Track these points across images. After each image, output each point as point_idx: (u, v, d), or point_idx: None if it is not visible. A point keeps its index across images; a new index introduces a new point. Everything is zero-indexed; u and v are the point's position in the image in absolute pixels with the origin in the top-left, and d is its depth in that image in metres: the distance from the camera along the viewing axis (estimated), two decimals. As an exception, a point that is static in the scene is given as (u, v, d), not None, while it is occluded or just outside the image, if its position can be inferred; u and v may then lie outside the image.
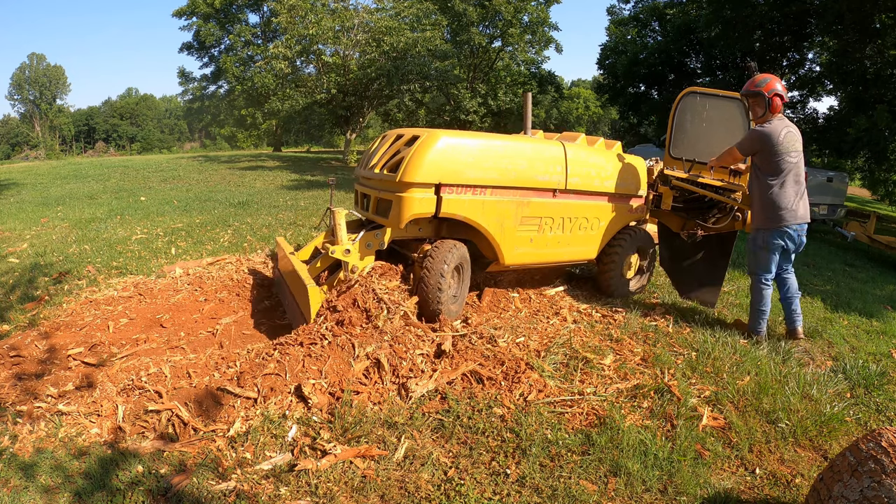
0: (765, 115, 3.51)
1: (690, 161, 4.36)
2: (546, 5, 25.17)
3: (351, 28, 16.47)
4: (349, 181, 12.82)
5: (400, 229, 3.54)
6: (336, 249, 3.49)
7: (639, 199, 4.39)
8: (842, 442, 2.73)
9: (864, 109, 12.03)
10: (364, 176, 3.84)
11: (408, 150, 3.41)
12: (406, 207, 3.36)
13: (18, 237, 6.33)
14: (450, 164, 3.38)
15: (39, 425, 2.55)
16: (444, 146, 3.38)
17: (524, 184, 3.67)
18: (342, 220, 3.55)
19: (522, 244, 3.80)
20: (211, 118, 47.97)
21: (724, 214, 4.24)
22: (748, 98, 3.60)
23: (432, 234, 3.79)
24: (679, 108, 4.37)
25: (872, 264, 7.72)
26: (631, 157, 4.38)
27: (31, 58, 58.41)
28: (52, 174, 14.37)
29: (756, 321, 3.80)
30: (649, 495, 2.27)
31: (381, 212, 3.61)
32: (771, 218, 3.52)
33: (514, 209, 3.67)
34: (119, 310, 3.91)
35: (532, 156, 3.70)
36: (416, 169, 3.30)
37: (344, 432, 2.54)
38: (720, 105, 4.26)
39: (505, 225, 3.66)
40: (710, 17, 15.20)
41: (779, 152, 3.43)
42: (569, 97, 48.42)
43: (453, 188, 3.42)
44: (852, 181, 19.12)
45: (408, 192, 3.35)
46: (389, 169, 3.48)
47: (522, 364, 3.09)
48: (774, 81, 3.49)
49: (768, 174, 3.49)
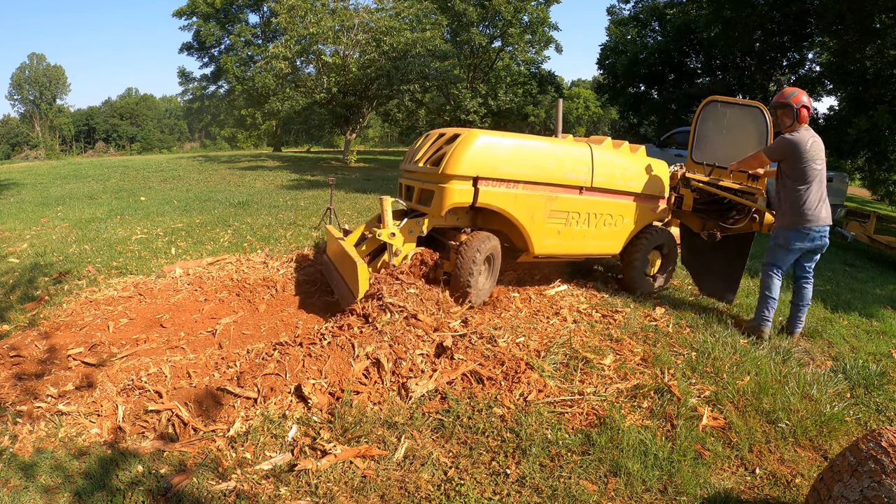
0: (792, 126, 3.72)
1: (711, 165, 4.65)
2: (546, 5, 25.18)
3: (351, 28, 16.47)
4: (349, 181, 12.82)
5: (440, 217, 3.93)
6: (382, 233, 3.83)
7: (661, 199, 4.58)
8: (842, 442, 2.73)
9: (865, 110, 12.03)
10: (408, 169, 4.26)
11: (449, 147, 3.79)
12: (447, 197, 3.73)
13: (18, 237, 6.33)
14: (486, 159, 3.74)
15: (39, 425, 2.55)
16: (482, 143, 3.75)
17: (553, 180, 3.98)
18: (389, 207, 3.89)
19: (550, 236, 4.10)
20: (211, 118, 47.94)
21: (743, 216, 4.42)
22: (777, 109, 3.78)
23: (469, 224, 4.17)
24: (701, 116, 4.68)
25: (872, 264, 7.72)
26: (654, 160, 4.59)
27: (31, 58, 58.47)
28: (52, 174, 14.37)
29: (764, 308, 3.88)
30: (649, 495, 2.27)
31: (423, 201, 4.00)
32: (795, 219, 3.72)
33: (543, 203, 3.99)
34: (119, 310, 3.91)
35: (561, 155, 4.01)
36: (456, 163, 3.68)
37: (344, 432, 2.54)
38: (740, 113, 4.51)
39: (535, 217, 3.97)
40: (710, 17, 15.21)
41: (805, 160, 3.63)
42: (569, 97, 48.45)
43: (489, 181, 3.77)
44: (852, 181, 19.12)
45: (448, 184, 3.73)
46: (432, 163, 3.87)
47: (522, 364, 3.09)
48: (802, 94, 3.70)
49: (795, 180, 3.69)
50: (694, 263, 4.93)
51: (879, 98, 12.05)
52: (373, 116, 25.99)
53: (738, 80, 17.11)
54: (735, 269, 4.56)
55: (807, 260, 3.88)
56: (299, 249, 5.57)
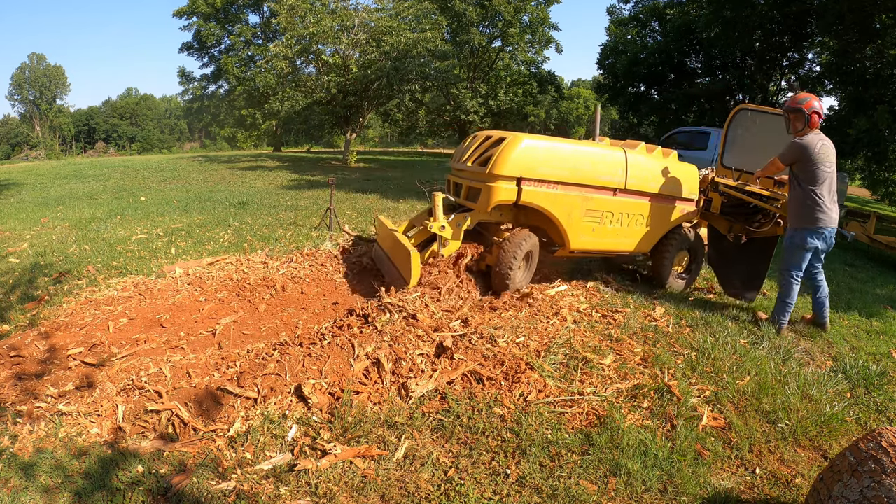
0: (803, 130, 3.86)
1: (739, 170, 4.91)
2: (546, 5, 25.18)
3: (351, 28, 16.46)
4: (349, 181, 12.82)
5: (486, 213, 4.28)
6: (434, 225, 4.16)
7: (690, 202, 4.79)
8: (842, 442, 2.73)
9: (865, 110, 12.02)
10: (457, 168, 4.59)
11: (496, 149, 4.08)
12: (493, 195, 4.05)
13: (18, 237, 6.33)
14: (529, 161, 4.04)
15: (39, 425, 2.55)
16: (526, 147, 4.05)
17: (589, 182, 4.26)
18: (440, 203, 4.23)
19: (586, 233, 4.39)
20: (211, 118, 47.94)
21: (767, 220, 4.64)
22: (790, 113, 3.93)
23: (511, 220, 4.51)
24: (732, 123, 4.95)
25: (872, 264, 7.71)
26: (685, 165, 4.80)
27: (31, 58, 58.45)
28: (52, 174, 14.37)
29: (782, 313, 4.04)
30: (649, 495, 2.27)
31: (470, 197, 4.31)
32: (809, 219, 3.85)
33: (580, 202, 4.26)
34: (119, 310, 3.91)
35: (597, 159, 4.29)
36: (502, 164, 3.99)
37: (344, 432, 2.54)
38: (769, 121, 4.75)
39: (572, 215, 4.27)
40: (710, 17, 15.21)
41: (815, 162, 3.77)
42: (569, 97, 48.47)
43: (531, 181, 4.07)
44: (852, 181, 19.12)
45: (495, 183, 4.04)
46: (480, 163, 4.18)
47: (522, 364, 3.09)
48: (813, 100, 3.84)
49: (806, 182, 3.83)
50: (720, 263, 5.11)
51: (879, 98, 12.04)
52: (373, 116, 26.00)
53: (738, 80, 17.11)
54: (758, 271, 4.73)
55: (816, 259, 4.02)
56: (300, 249, 5.57)
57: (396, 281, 4.13)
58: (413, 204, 9.06)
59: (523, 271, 4.32)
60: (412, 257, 3.92)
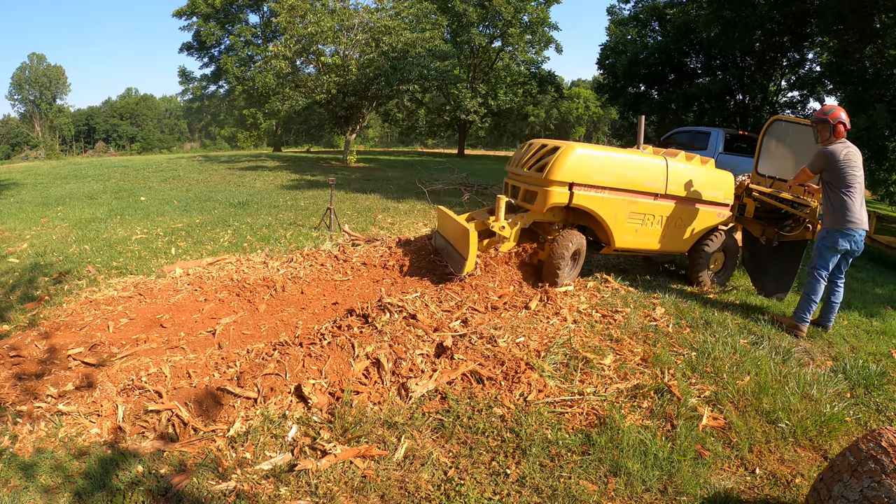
0: (829, 139, 4.07)
1: (772, 178, 5.25)
2: (546, 5, 25.18)
3: (351, 28, 16.46)
4: (349, 181, 12.82)
5: (540, 214, 4.68)
6: (495, 225, 4.57)
7: (726, 206, 5.09)
8: (842, 442, 2.73)
9: (864, 109, 12.01)
10: (514, 172, 4.98)
11: (551, 157, 4.48)
12: (548, 198, 4.46)
13: (18, 237, 6.33)
14: (581, 168, 4.45)
15: (39, 425, 2.55)
16: (578, 155, 4.45)
17: (633, 187, 4.65)
18: (503, 205, 4.62)
19: (629, 233, 4.79)
20: (211, 118, 47.96)
21: (798, 225, 4.89)
22: (817, 124, 4.16)
23: (562, 220, 4.87)
24: (766, 133, 5.29)
25: (872, 264, 7.71)
26: (720, 172, 5.12)
27: (31, 58, 58.45)
28: (52, 174, 14.37)
29: (805, 310, 4.14)
30: (649, 495, 2.27)
31: (527, 200, 4.71)
32: (842, 221, 4.02)
33: (624, 206, 4.67)
34: (119, 310, 3.91)
35: (641, 166, 4.69)
36: (557, 170, 4.39)
37: (344, 432, 2.54)
38: (802, 132, 5.02)
39: (618, 217, 4.67)
40: (710, 17, 15.19)
41: (842, 168, 3.97)
42: (569, 97, 48.46)
43: (582, 186, 4.47)
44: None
45: (550, 187, 4.44)
46: (536, 169, 4.58)
47: (522, 364, 3.09)
48: (839, 111, 4.07)
49: (838, 187, 4.02)
50: (753, 265, 5.38)
51: (879, 98, 12.04)
52: (373, 116, 25.96)
53: (738, 80, 17.09)
54: (789, 272, 5.01)
55: (843, 263, 4.18)
56: (299, 249, 5.57)
57: (456, 263, 4.45)
58: (413, 204, 9.06)
59: (570, 267, 4.67)
60: (470, 235, 4.21)
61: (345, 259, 5.24)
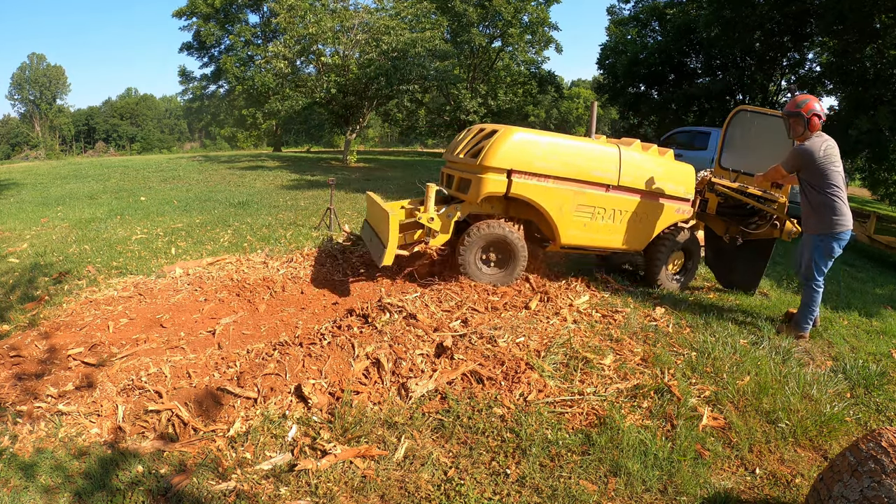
0: (804, 134, 3.75)
1: (737, 171, 4.86)
2: (546, 5, 25.17)
3: (350, 28, 16.46)
4: (349, 181, 12.81)
5: (476, 205, 4.33)
6: (423, 216, 4.24)
7: (686, 201, 4.74)
8: (842, 442, 2.73)
9: (865, 110, 12.02)
10: (450, 160, 4.67)
11: (487, 141, 4.13)
12: (483, 186, 4.10)
13: (18, 237, 6.33)
14: (521, 154, 4.09)
15: (39, 425, 2.55)
16: (517, 140, 4.10)
17: (581, 177, 4.29)
18: (432, 194, 4.27)
19: (576, 228, 4.42)
20: (211, 118, 47.94)
21: (764, 222, 4.60)
22: (789, 118, 3.82)
23: (502, 213, 4.49)
24: (730, 124, 4.91)
25: (872, 264, 7.71)
26: (681, 164, 4.77)
27: (31, 58, 58.45)
28: (52, 174, 14.36)
29: (806, 321, 3.95)
30: (649, 495, 2.27)
31: (461, 189, 4.37)
32: (834, 225, 3.73)
33: (571, 197, 4.30)
34: (119, 310, 3.91)
35: (590, 154, 4.31)
36: (493, 156, 4.04)
37: (344, 432, 2.54)
38: (767, 122, 4.69)
39: (563, 209, 4.31)
40: (710, 17, 15.20)
41: (823, 165, 3.66)
42: (569, 97, 48.43)
43: (522, 174, 4.12)
44: (852, 181, 19.12)
45: (485, 174, 4.09)
46: (471, 155, 4.24)
47: (522, 364, 3.09)
48: (813, 102, 3.73)
49: (821, 187, 3.71)
50: (717, 265, 5.12)
51: (879, 98, 12.04)
52: (373, 116, 25.94)
53: (738, 80, 17.11)
54: (756, 273, 4.75)
55: None
56: (300, 249, 5.57)
57: (378, 252, 4.15)
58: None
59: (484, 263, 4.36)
60: (390, 219, 3.95)
61: (345, 259, 5.25)
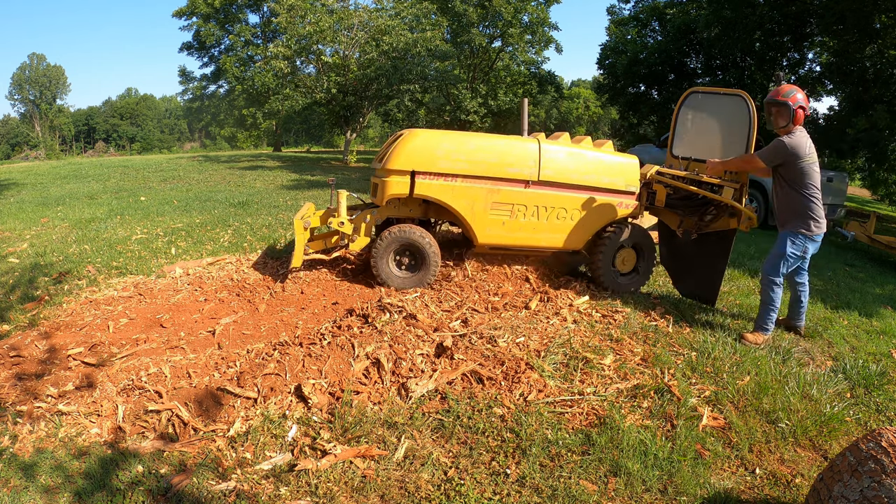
0: (787, 126, 3.54)
1: (687, 159, 4.46)
2: (546, 5, 25.16)
3: (350, 28, 16.46)
4: (349, 181, 12.81)
5: (387, 208, 4.37)
6: (334, 221, 4.34)
7: (629, 195, 4.45)
8: (842, 442, 2.73)
9: (864, 110, 12.03)
10: (373, 167, 4.64)
11: (393, 146, 4.17)
12: (387, 189, 4.14)
13: (18, 237, 6.32)
14: (424, 155, 4.08)
15: (39, 425, 2.55)
16: (419, 141, 4.11)
17: (493, 174, 4.19)
18: (343, 200, 4.38)
19: (494, 227, 4.30)
20: (211, 118, 47.98)
21: (720, 212, 4.20)
22: (772, 107, 3.60)
23: (421, 215, 4.51)
24: (681, 109, 4.50)
25: (872, 264, 7.71)
26: (622, 156, 4.50)
27: (31, 58, 58.44)
28: (52, 174, 14.36)
29: (768, 320, 3.80)
30: (649, 495, 2.27)
31: (375, 194, 4.38)
32: (811, 227, 3.61)
33: (483, 195, 4.21)
34: (119, 310, 3.91)
35: (502, 150, 4.23)
36: (395, 159, 4.08)
37: (344, 432, 2.54)
38: (721, 102, 4.28)
39: (475, 208, 4.21)
40: (710, 17, 15.20)
41: (808, 164, 3.52)
42: (569, 97, 48.41)
43: (426, 175, 4.09)
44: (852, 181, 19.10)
45: (389, 177, 4.11)
46: (379, 160, 4.32)
47: (522, 364, 3.09)
48: (798, 93, 3.53)
49: (801, 187, 3.56)
50: (672, 264, 4.76)
51: (879, 98, 12.05)
52: (373, 116, 25.94)
53: (739, 80, 17.10)
54: (715, 271, 4.32)
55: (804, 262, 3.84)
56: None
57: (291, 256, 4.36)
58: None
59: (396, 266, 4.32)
60: (295, 224, 4.24)
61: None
